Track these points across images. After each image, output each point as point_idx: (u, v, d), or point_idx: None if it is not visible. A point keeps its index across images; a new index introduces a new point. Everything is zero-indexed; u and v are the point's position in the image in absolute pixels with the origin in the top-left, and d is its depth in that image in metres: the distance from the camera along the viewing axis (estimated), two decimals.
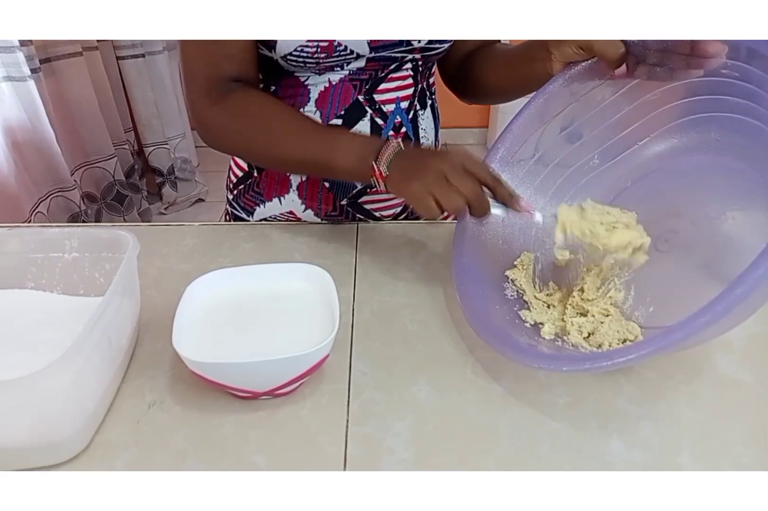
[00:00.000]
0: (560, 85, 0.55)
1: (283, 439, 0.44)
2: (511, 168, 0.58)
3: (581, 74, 0.55)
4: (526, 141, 0.57)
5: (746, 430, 0.45)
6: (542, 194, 0.60)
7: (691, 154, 0.53)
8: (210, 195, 2.37)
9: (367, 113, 0.67)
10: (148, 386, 0.48)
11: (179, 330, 0.44)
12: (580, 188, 0.60)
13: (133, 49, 1.95)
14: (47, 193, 1.61)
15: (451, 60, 0.72)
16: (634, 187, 0.58)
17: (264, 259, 0.65)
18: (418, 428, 0.45)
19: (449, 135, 2.78)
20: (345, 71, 0.64)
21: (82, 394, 0.40)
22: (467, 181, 0.48)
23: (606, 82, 0.54)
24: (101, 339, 0.42)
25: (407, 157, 0.52)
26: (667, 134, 0.55)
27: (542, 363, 0.42)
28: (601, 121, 0.56)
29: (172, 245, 0.68)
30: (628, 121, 0.56)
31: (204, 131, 0.62)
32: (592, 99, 0.56)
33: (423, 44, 0.63)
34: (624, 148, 0.58)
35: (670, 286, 0.51)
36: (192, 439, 0.44)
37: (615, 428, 0.45)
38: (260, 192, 0.74)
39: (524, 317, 0.53)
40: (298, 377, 0.44)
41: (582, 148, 0.58)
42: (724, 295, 0.34)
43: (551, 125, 0.57)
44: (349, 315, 0.56)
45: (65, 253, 0.52)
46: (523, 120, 0.56)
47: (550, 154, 0.59)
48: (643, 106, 0.55)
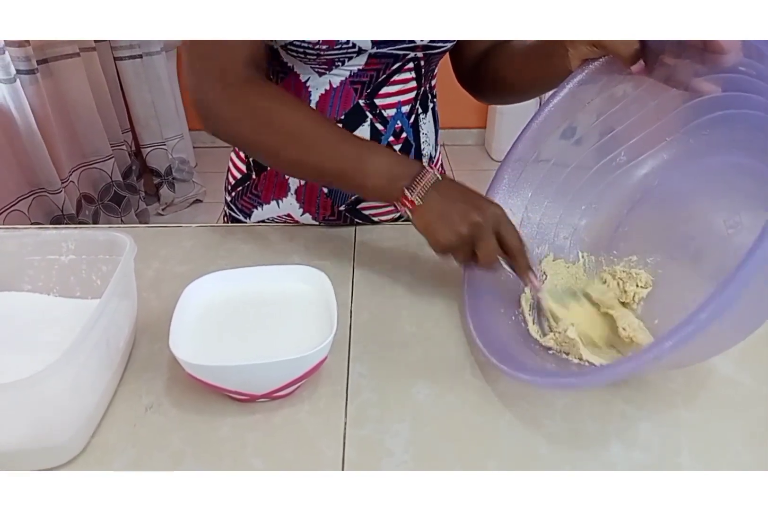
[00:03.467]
0: (576, 84, 0.54)
1: (280, 442, 0.44)
2: (529, 168, 0.57)
3: (599, 71, 0.53)
4: (544, 141, 0.56)
5: (745, 430, 0.45)
6: (561, 200, 0.59)
7: (718, 154, 0.51)
8: (208, 196, 2.37)
9: (367, 118, 0.66)
10: (145, 389, 0.48)
11: (176, 332, 0.44)
12: (602, 190, 0.58)
13: (130, 50, 1.95)
14: (29, 192, 1.61)
15: (466, 60, 0.71)
16: (659, 187, 0.55)
17: (262, 261, 0.65)
18: (417, 430, 0.44)
19: (447, 136, 2.78)
20: (346, 72, 0.63)
21: (79, 396, 0.40)
22: (491, 247, 0.48)
23: (626, 77, 0.52)
24: (99, 341, 0.41)
25: (444, 193, 0.49)
26: (696, 130, 0.52)
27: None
28: (625, 117, 0.54)
29: (170, 247, 0.68)
30: (653, 117, 0.54)
31: (215, 120, 0.56)
32: (614, 96, 0.54)
33: (426, 41, 0.62)
34: (650, 146, 0.55)
35: (677, 298, 0.50)
36: (189, 442, 0.43)
37: (614, 429, 0.45)
38: (258, 194, 0.74)
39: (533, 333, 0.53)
40: (295, 379, 0.44)
41: (605, 146, 0.56)
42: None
43: (569, 124, 0.56)
44: (347, 317, 0.56)
45: (62, 255, 0.52)
46: (541, 120, 0.55)
47: (569, 155, 0.57)
48: (668, 101, 0.52)
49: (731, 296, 0.31)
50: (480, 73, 0.70)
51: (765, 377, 0.50)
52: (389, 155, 0.52)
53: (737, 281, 0.31)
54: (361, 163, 0.51)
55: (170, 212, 2.28)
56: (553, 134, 0.56)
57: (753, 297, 0.34)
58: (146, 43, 1.98)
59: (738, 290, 0.31)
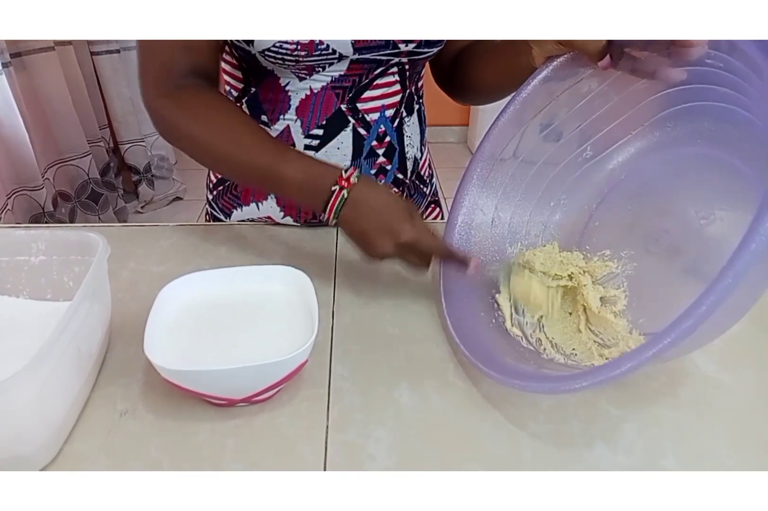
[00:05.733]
0: (542, 80, 0.53)
1: (261, 447, 0.42)
2: (498, 166, 0.57)
3: (564, 67, 0.53)
4: (512, 138, 0.56)
5: (729, 431, 0.45)
6: (531, 197, 0.58)
7: (685, 146, 0.51)
8: (188, 193, 2.34)
9: (349, 123, 0.65)
10: (120, 394, 0.46)
11: (151, 336, 0.43)
12: (570, 186, 0.58)
13: (107, 45, 1.91)
14: (12, 191, 1.57)
15: (441, 61, 0.70)
16: (627, 180, 0.56)
17: (242, 261, 0.64)
18: (400, 434, 0.44)
19: (430, 133, 2.76)
20: (327, 77, 0.61)
21: (48, 405, 0.38)
22: (416, 261, 0.52)
23: (591, 72, 0.52)
24: (69, 347, 0.40)
25: (355, 216, 0.50)
26: (661, 122, 0.52)
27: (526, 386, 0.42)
28: (590, 112, 0.54)
29: (147, 247, 0.66)
30: (618, 111, 0.54)
31: (154, 123, 0.58)
32: (579, 91, 0.54)
33: (410, 48, 0.61)
34: (616, 140, 0.55)
35: (656, 291, 0.51)
36: (166, 449, 0.42)
37: (598, 430, 0.45)
38: (237, 196, 0.72)
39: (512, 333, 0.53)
40: (276, 383, 0.43)
41: (572, 141, 0.56)
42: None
43: (536, 121, 0.55)
44: (329, 318, 0.55)
45: (32, 256, 0.50)
46: (507, 117, 0.55)
47: (536, 151, 0.57)
48: (632, 95, 0.52)
49: (722, 297, 0.31)
50: (454, 73, 0.70)
51: (746, 376, 0.50)
52: (304, 174, 0.51)
53: (728, 278, 0.31)
54: (281, 184, 0.52)
55: (150, 210, 2.25)
56: (519, 131, 0.56)
57: (743, 292, 0.34)
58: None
59: (730, 288, 0.31)
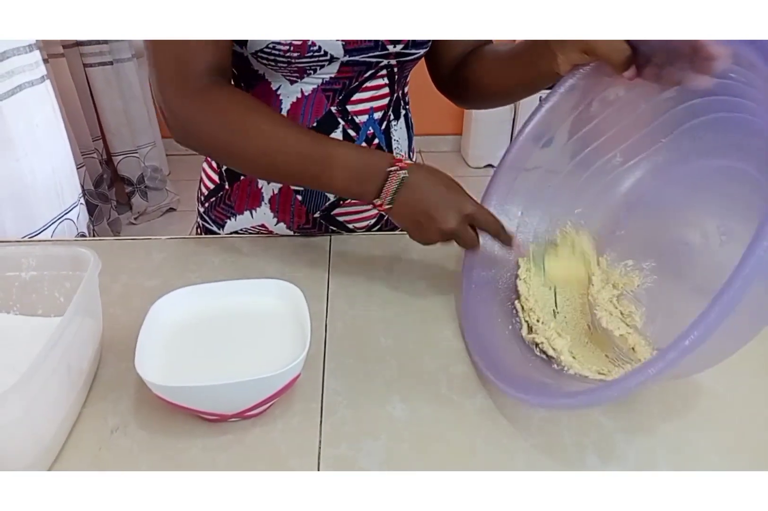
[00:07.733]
0: (569, 88, 0.53)
1: (253, 463, 0.42)
2: (523, 175, 0.57)
3: (589, 76, 0.53)
4: (539, 146, 0.56)
5: (722, 440, 0.45)
6: (556, 205, 0.58)
7: (711, 158, 0.50)
8: (182, 204, 2.33)
9: (339, 125, 0.66)
10: (111, 410, 0.46)
11: (142, 351, 0.43)
12: (596, 195, 0.58)
13: (100, 57, 1.91)
14: None
15: (443, 65, 0.71)
16: (654, 191, 0.55)
17: (234, 273, 0.64)
18: (393, 448, 0.43)
19: (423, 142, 2.79)
20: (318, 80, 0.62)
21: (36, 424, 0.38)
22: (469, 240, 0.52)
23: (617, 81, 0.52)
24: (59, 364, 0.40)
25: (412, 197, 0.51)
26: (689, 133, 0.51)
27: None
28: (618, 120, 0.54)
29: (139, 260, 0.66)
30: (645, 119, 0.53)
31: (173, 124, 0.56)
32: (605, 99, 0.54)
33: (399, 49, 0.61)
34: (643, 149, 0.55)
35: (667, 310, 0.50)
36: (158, 465, 0.42)
37: (590, 441, 0.45)
38: (231, 205, 0.73)
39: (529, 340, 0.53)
40: (268, 398, 0.43)
41: (599, 149, 0.56)
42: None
43: (563, 129, 0.56)
44: (322, 330, 0.55)
45: (22, 271, 0.50)
46: (532, 126, 0.55)
47: (563, 159, 0.57)
48: (660, 104, 0.52)
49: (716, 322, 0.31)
50: (459, 78, 0.69)
51: (740, 386, 0.50)
52: (357, 157, 0.52)
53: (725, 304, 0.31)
54: (330, 169, 0.52)
55: (143, 221, 2.24)
56: (546, 139, 0.56)
57: (743, 316, 0.34)
58: (117, 50, 1.95)
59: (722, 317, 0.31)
